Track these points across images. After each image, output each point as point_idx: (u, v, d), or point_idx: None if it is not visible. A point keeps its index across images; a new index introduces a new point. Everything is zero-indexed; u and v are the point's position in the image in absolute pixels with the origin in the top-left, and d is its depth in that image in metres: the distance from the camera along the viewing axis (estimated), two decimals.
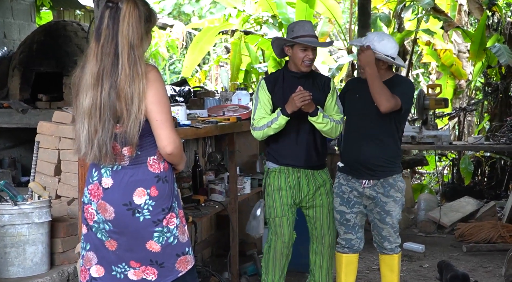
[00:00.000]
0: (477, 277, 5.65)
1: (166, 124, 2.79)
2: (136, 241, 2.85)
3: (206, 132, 4.44)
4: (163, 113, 2.79)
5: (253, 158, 6.24)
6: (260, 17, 11.20)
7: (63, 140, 4.73)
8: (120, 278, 2.92)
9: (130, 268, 2.90)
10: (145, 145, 2.84)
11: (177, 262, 2.92)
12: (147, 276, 2.89)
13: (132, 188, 2.82)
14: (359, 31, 8.93)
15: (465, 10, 11.52)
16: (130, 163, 2.84)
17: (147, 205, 2.82)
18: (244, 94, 5.53)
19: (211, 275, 4.80)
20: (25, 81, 6.88)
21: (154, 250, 2.86)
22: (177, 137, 2.83)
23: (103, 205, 2.84)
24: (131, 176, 2.83)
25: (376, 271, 5.92)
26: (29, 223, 4.09)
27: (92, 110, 2.78)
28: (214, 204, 4.91)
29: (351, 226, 4.45)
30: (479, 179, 9.69)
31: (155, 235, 2.84)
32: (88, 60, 2.83)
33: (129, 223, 2.82)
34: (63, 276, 4.20)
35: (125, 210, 2.81)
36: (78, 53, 6.83)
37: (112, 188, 2.83)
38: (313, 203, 4.40)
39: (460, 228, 7.22)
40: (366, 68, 4.21)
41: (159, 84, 2.81)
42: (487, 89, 10.06)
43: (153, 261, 2.88)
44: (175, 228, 2.89)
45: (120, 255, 2.89)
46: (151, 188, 2.83)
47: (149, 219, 2.83)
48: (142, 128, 2.79)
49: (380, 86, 4.15)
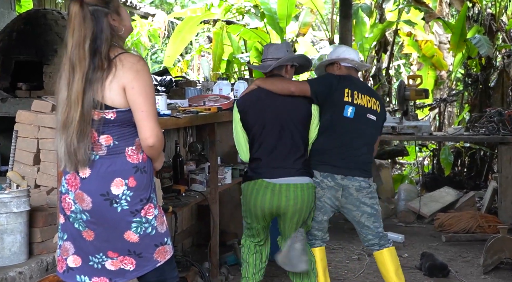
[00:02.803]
0: (456, 267, 5.70)
1: (151, 117, 2.78)
2: (114, 231, 2.83)
3: (186, 122, 4.43)
4: (149, 104, 2.77)
5: (234, 148, 6.20)
6: (242, 7, 11.19)
7: (42, 129, 4.70)
8: (98, 268, 2.90)
9: (108, 258, 2.88)
10: (124, 134, 2.82)
11: (156, 252, 2.91)
12: (125, 266, 2.88)
13: (110, 178, 2.80)
14: (340, 22, 8.95)
15: (446, 1, 11.59)
16: (108, 152, 2.82)
17: (125, 196, 2.80)
18: (225, 84, 5.52)
19: (191, 265, 4.80)
20: (4, 70, 6.82)
21: (132, 241, 2.85)
22: (159, 130, 2.82)
23: (80, 195, 2.82)
24: (108, 166, 2.81)
25: (356, 261, 5.96)
26: (7, 212, 4.06)
27: (67, 123, 2.77)
28: (194, 194, 4.91)
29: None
30: (459, 169, 9.77)
31: (133, 225, 2.83)
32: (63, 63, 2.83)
33: (107, 213, 2.81)
34: (41, 265, 4.18)
35: (102, 200, 2.80)
36: (58, 42, 6.77)
37: (90, 177, 2.81)
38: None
39: (439, 218, 7.28)
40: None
41: (145, 75, 2.78)
42: (467, 80, 10.13)
43: (131, 251, 2.87)
44: (154, 218, 2.88)
45: (97, 246, 2.88)
46: (129, 178, 2.81)
47: (127, 210, 2.81)
48: (122, 117, 2.78)
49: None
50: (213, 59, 11.37)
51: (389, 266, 4.41)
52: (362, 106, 4.36)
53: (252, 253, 4.38)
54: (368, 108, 4.39)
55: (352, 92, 4.33)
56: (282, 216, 4.19)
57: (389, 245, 4.44)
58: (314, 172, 4.29)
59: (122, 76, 2.75)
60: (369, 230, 4.41)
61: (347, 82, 4.38)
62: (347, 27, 8.87)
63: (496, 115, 7.37)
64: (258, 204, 4.15)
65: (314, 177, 4.28)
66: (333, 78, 4.40)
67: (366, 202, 4.35)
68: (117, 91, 2.76)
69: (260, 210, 4.16)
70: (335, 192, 4.30)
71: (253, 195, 4.16)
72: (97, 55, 2.75)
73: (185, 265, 4.77)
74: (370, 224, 4.39)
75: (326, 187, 4.29)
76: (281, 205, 4.11)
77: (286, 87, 4.22)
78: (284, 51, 4.35)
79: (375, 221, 4.40)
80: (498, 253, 5.52)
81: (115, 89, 2.76)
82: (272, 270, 5.40)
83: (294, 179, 4.12)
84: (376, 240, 4.43)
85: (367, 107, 4.39)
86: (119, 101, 2.78)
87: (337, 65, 4.55)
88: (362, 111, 4.35)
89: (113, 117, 2.79)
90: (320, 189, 4.30)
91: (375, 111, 4.42)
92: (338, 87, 4.32)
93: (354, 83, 4.42)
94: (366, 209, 4.36)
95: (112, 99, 2.77)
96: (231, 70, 11.37)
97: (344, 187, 4.30)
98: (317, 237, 4.47)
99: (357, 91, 4.36)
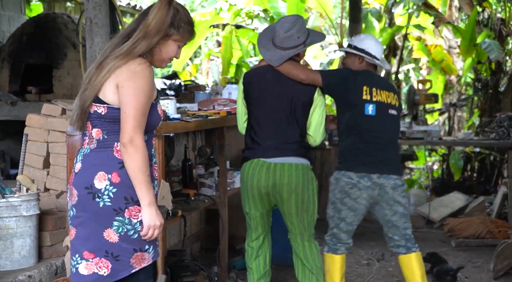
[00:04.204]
0: (466, 272, 5.67)
1: (131, 120, 2.71)
2: (94, 226, 2.76)
3: (196, 126, 4.43)
4: (133, 108, 2.72)
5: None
6: (252, 11, 11.20)
7: (52, 133, 4.71)
8: (73, 272, 2.82)
9: (83, 260, 2.79)
10: (113, 130, 2.79)
11: (133, 258, 2.81)
12: (99, 270, 2.78)
13: (93, 171, 2.76)
14: (350, 26, 8.94)
15: (456, 5, 11.57)
16: (97, 146, 2.80)
17: (108, 191, 2.75)
18: (234, 88, 5.51)
19: (200, 269, 4.79)
20: (14, 73, 6.85)
21: (112, 240, 2.77)
22: (138, 136, 2.72)
23: (71, 190, 2.81)
24: (95, 158, 2.78)
25: (365, 266, 5.94)
26: (17, 216, 4.07)
27: (85, 80, 2.84)
28: (203, 198, 4.90)
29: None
30: (469, 174, 9.73)
31: (114, 223, 2.76)
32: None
33: (88, 206, 2.76)
34: (51, 269, 4.18)
35: (86, 193, 2.76)
36: (68, 46, 6.79)
37: (80, 171, 2.80)
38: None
39: (449, 223, 7.24)
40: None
41: (142, 81, 2.75)
42: (477, 85, 10.09)
43: (109, 252, 2.78)
44: (138, 222, 2.79)
45: (75, 245, 2.81)
46: (112, 173, 2.76)
47: (110, 206, 2.75)
48: (113, 114, 2.77)
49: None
50: (222, 63, 11.37)
51: (416, 270, 4.39)
52: (382, 103, 4.30)
53: (254, 257, 4.34)
54: (388, 104, 4.33)
55: (371, 90, 4.26)
56: (279, 199, 4.14)
57: (416, 250, 4.42)
58: (348, 173, 4.25)
59: (119, 75, 2.75)
60: (398, 230, 4.38)
61: (365, 79, 4.30)
62: (357, 31, 8.85)
63: (506, 120, 7.33)
64: (254, 183, 4.13)
65: (349, 178, 4.24)
66: (349, 73, 4.31)
67: (400, 201, 4.32)
68: (111, 88, 2.76)
69: (256, 189, 4.14)
70: (372, 191, 4.26)
71: (249, 174, 4.15)
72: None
73: (194, 269, 4.75)
74: (400, 224, 4.36)
75: (363, 187, 4.24)
76: (276, 183, 4.08)
77: (297, 74, 4.16)
78: (296, 38, 4.17)
79: (406, 221, 4.38)
80: (508, 259, 5.49)
81: (111, 85, 2.76)
82: (281, 275, 5.39)
83: (289, 159, 4.11)
84: (402, 241, 4.39)
85: (387, 103, 4.32)
86: (111, 97, 2.77)
87: (360, 59, 4.41)
88: (383, 107, 4.29)
89: (104, 112, 2.78)
90: (357, 190, 4.25)
91: (394, 105, 4.37)
92: (355, 84, 4.25)
93: (372, 79, 4.34)
94: (399, 209, 4.33)
95: (105, 94, 2.77)
96: (240, 75, 11.36)
97: (380, 186, 4.26)
98: (342, 241, 4.41)
99: (375, 88, 4.28)
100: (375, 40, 4.50)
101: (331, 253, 4.42)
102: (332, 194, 4.37)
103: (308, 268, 4.25)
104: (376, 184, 4.26)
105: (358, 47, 4.40)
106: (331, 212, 4.39)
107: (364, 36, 4.52)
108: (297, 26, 4.17)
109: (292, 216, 4.19)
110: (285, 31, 4.15)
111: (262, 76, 4.23)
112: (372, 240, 6.72)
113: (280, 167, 4.10)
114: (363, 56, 4.38)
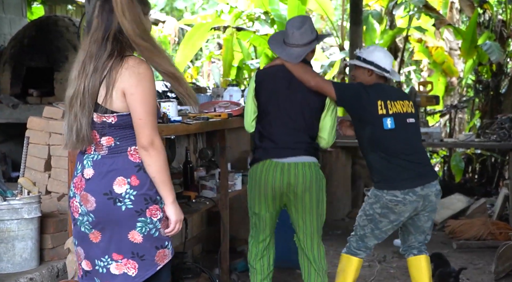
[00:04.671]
0: (467, 274, 5.67)
1: (148, 125, 2.75)
2: (119, 230, 2.81)
3: (197, 129, 4.43)
4: (147, 113, 2.75)
5: (244, 154, 6.23)
6: (253, 13, 11.21)
7: (53, 135, 4.72)
8: (103, 272, 2.88)
9: (113, 261, 2.85)
10: (125, 136, 2.81)
11: (156, 255, 2.88)
12: (128, 270, 2.85)
13: (112, 177, 2.79)
14: (351, 28, 8.95)
15: (457, 7, 11.58)
16: (109, 152, 2.81)
17: (128, 194, 2.78)
18: (235, 90, 5.52)
19: (201, 271, 4.79)
20: (16, 76, 6.86)
21: (136, 241, 2.82)
22: (157, 138, 2.79)
23: (85, 196, 2.82)
24: (110, 164, 2.80)
25: (367, 268, 5.93)
26: (19, 218, 4.07)
27: (73, 99, 2.78)
28: (205, 200, 4.90)
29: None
30: (470, 176, 9.73)
31: (138, 225, 2.81)
32: (78, 53, 2.84)
33: (111, 212, 2.79)
34: (52, 272, 4.19)
35: (105, 199, 2.78)
36: (69, 49, 6.80)
37: (93, 177, 2.81)
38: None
39: (450, 225, 7.24)
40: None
41: (148, 84, 2.76)
42: (478, 87, 10.09)
43: (135, 253, 2.84)
44: (158, 221, 2.86)
45: (103, 248, 2.85)
46: (131, 177, 2.79)
47: (132, 209, 2.79)
48: (124, 121, 2.78)
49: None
50: (223, 66, 11.38)
51: (425, 272, 4.40)
52: (399, 114, 4.25)
53: (259, 258, 4.35)
54: (405, 113, 4.29)
55: (385, 103, 4.22)
56: (293, 198, 4.15)
57: (426, 253, 4.44)
58: (392, 192, 4.18)
59: (123, 81, 2.75)
60: (422, 235, 4.39)
61: (378, 93, 4.25)
62: (357, 33, 8.86)
63: (507, 121, 7.33)
64: (269, 183, 4.13)
65: (394, 196, 4.19)
66: (361, 89, 4.27)
67: (437, 207, 4.37)
68: (118, 96, 2.76)
69: (270, 189, 4.14)
70: (417, 204, 4.21)
71: (263, 175, 4.15)
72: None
73: (195, 271, 4.76)
74: (427, 229, 4.39)
75: (409, 202, 4.18)
76: (290, 182, 4.10)
77: (307, 79, 4.16)
78: (309, 34, 4.22)
79: (432, 225, 4.41)
80: (509, 260, 5.48)
81: (117, 93, 2.75)
82: (282, 276, 5.39)
83: (302, 158, 4.14)
84: (418, 244, 4.42)
85: (404, 112, 4.28)
86: (120, 105, 2.77)
87: (370, 71, 4.35)
88: (401, 118, 4.24)
89: (114, 121, 2.79)
90: (402, 205, 4.18)
91: (411, 113, 4.33)
92: (369, 100, 4.21)
93: (384, 92, 4.29)
94: (433, 215, 4.36)
95: (112, 103, 2.76)
96: (241, 77, 11.38)
97: (425, 197, 4.21)
98: (368, 246, 4.38)
99: (389, 100, 4.24)
100: (384, 52, 4.44)
101: (349, 255, 4.39)
102: (370, 207, 4.28)
103: (315, 269, 4.25)
104: (421, 196, 4.20)
105: (367, 60, 4.34)
106: (364, 222, 4.33)
107: (373, 48, 4.45)
108: (307, 23, 4.24)
109: (306, 215, 4.19)
110: (298, 28, 4.20)
111: (274, 75, 4.24)
112: None
113: (294, 166, 4.12)
114: (373, 69, 4.33)
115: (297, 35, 4.20)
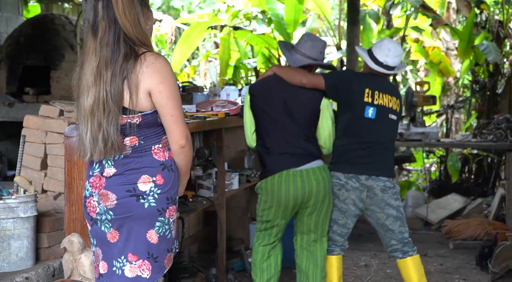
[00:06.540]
0: (464, 274, 5.67)
1: (179, 119, 2.77)
2: (138, 228, 2.79)
3: (193, 128, 4.42)
4: (177, 108, 2.76)
5: (242, 153, 6.22)
6: (250, 12, 11.18)
7: (49, 134, 4.70)
8: (118, 274, 2.85)
9: (127, 263, 2.83)
10: (149, 134, 2.80)
11: (166, 258, 2.89)
12: (142, 272, 2.83)
13: (136, 175, 2.77)
14: (348, 28, 8.94)
15: (454, 7, 11.57)
16: (133, 151, 2.80)
17: (153, 192, 2.78)
18: (232, 89, 5.51)
19: (198, 271, 4.78)
20: (12, 74, 6.85)
21: (153, 241, 2.81)
22: (189, 132, 2.82)
23: (105, 194, 2.79)
24: (135, 163, 2.78)
25: (363, 267, 5.93)
26: (14, 217, 4.05)
27: (94, 107, 2.72)
28: (201, 200, 4.89)
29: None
30: (466, 176, 9.72)
31: (157, 224, 2.80)
32: (87, 58, 2.77)
33: (133, 208, 2.77)
34: (48, 271, 4.17)
35: (128, 195, 2.76)
36: (66, 47, 6.79)
37: (115, 175, 2.79)
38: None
39: (447, 225, 7.25)
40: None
41: (171, 78, 2.76)
42: (475, 87, 10.09)
43: (150, 254, 2.82)
44: (173, 222, 2.87)
45: (120, 247, 2.83)
46: (156, 175, 2.79)
47: (154, 207, 2.78)
48: (148, 120, 2.77)
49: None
50: (220, 65, 11.36)
51: (413, 275, 4.38)
52: (383, 107, 4.29)
53: (266, 258, 4.34)
54: (389, 108, 4.33)
55: (373, 93, 4.27)
56: (313, 203, 4.17)
57: (413, 253, 4.41)
58: (337, 174, 4.27)
59: (146, 80, 2.72)
60: (394, 234, 4.37)
61: (367, 82, 4.29)
62: (355, 33, 8.86)
63: (504, 122, 7.34)
64: (290, 193, 4.13)
65: (337, 179, 4.27)
66: (352, 75, 4.35)
67: (392, 204, 4.31)
68: (143, 95, 2.74)
69: (292, 199, 4.14)
70: (360, 193, 4.26)
71: (282, 186, 4.13)
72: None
73: (192, 271, 4.75)
74: (396, 228, 4.35)
75: (351, 188, 4.24)
76: (312, 189, 4.13)
77: (299, 79, 4.19)
78: (318, 53, 4.30)
79: (401, 225, 4.37)
80: (506, 260, 5.49)
81: (142, 93, 2.74)
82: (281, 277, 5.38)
83: (314, 163, 4.18)
84: (399, 245, 4.39)
85: (388, 107, 4.32)
86: (145, 105, 2.76)
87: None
88: (383, 111, 4.29)
89: (139, 121, 2.78)
90: (345, 191, 4.25)
91: (395, 111, 4.37)
92: (358, 87, 4.25)
93: (375, 82, 4.32)
94: (391, 212, 4.32)
95: (137, 103, 2.74)
96: (238, 76, 11.36)
97: (369, 188, 4.26)
98: (337, 243, 4.41)
99: (378, 91, 4.28)
100: (386, 44, 4.38)
101: (327, 255, 4.41)
102: None
103: (320, 270, 4.32)
104: (364, 185, 4.25)
105: (369, 49, 4.43)
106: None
107: (385, 40, 4.44)
108: (323, 44, 4.35)
109: (321, 217, 4.25)
110: (313, 40, 4.30)
111: (267, 87, 4.28)
112: (370, 242, 6.72)
113: (312, 172, 4.15)
114: (365, 59, 4.39)
115: (309, 45, 4.29)
